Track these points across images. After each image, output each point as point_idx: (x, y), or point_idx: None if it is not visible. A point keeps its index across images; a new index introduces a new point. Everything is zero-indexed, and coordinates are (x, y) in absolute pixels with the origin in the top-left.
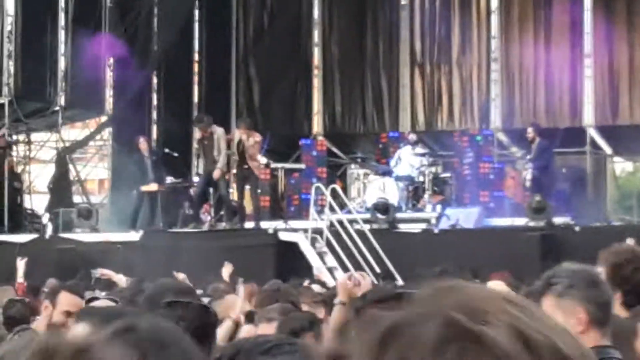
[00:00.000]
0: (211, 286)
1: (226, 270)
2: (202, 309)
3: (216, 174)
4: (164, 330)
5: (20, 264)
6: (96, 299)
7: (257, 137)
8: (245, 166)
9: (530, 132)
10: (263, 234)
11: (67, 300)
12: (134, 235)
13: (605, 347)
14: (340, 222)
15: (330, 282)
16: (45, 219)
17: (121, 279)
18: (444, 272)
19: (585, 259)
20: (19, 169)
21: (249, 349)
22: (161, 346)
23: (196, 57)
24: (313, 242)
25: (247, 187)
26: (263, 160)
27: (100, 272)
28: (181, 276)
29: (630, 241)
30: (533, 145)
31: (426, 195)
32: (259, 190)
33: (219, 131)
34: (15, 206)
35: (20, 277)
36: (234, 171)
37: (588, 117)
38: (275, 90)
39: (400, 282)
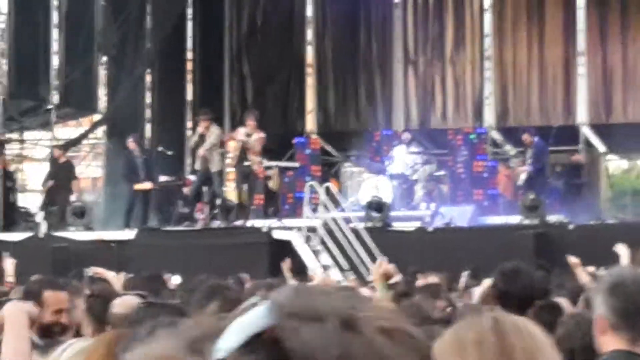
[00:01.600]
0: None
1: None
2: (177, 311)
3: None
4: None
5: (8, 263)
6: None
7: (262, 134)
8: (246, 163)
9: (526, 138)
10: (257, 232)
11: (53, 299)
12: (128, 234)
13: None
14: (334, 220)
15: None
16: (39, 217)
17: (113, 277)
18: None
19: (578, 257)
20: (12, 167)
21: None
22: None
23: (189, 55)
24: (307, 240)
25: (245, 185)
26: (257, 159)
27: (93, 270)
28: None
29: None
30: (529, 149)
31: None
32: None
33: (215, 130)
34: (8, 205)
35: (10, 277)
36: (232, 169)
37: (582, 115)
38: (269, 88)
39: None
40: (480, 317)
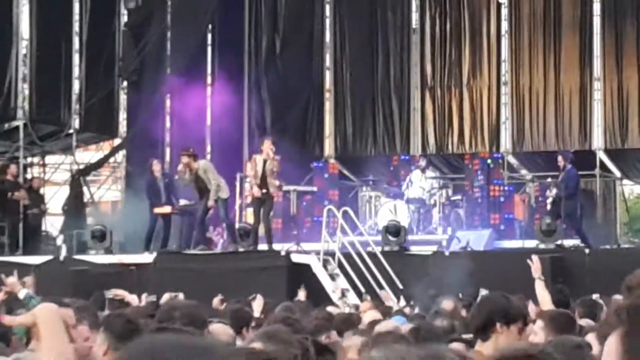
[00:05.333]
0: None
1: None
2: None
3: (211, 204)
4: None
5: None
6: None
7: (278, 157)
8: (264, 190)
9: (560, 160)
10: (275, 256)
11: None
12: (148, 257)
13: None
14: (352, 244)
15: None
16: (60, 240)
17: (134, 299)
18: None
19: (594, 282)
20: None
21: None
22: None
23: (208, 80)
24: (325, 264)
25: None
26: (276, 182)
27: (114, 292)
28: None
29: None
30: (562, 173)
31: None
32: (271, 213)
33: (201, 164)
34: (33, 228)
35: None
36: (249, 194)
37: (597, 140)
38: (287, 113)
39: (412, 303)
40: None
